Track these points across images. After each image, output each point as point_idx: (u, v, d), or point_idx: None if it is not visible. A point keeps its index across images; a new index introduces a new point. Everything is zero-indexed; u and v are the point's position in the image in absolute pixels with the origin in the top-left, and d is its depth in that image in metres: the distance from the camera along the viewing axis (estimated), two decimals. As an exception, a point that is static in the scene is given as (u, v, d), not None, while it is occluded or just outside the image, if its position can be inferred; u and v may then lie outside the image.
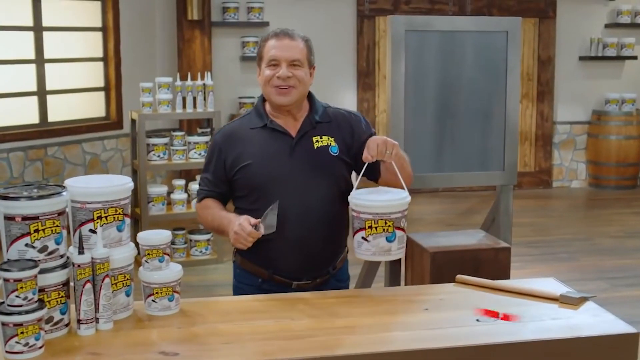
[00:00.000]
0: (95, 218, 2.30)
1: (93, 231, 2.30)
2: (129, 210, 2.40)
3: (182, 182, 6.21)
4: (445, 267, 3.48)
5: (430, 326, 2.33)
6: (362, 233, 2.56)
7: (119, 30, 7.84)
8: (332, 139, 2.82)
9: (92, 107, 7.85)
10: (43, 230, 2.18)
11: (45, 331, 2.18)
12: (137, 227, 6.14)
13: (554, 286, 2.69)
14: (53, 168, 7.32)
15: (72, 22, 7.58)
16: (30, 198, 2.17)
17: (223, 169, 2.82)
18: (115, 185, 2.34)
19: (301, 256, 2.76)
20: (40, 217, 2.17)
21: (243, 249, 2.66)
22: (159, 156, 5.97)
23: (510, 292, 2.62)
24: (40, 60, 7.29)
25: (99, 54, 7.85)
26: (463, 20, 3.84)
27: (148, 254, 2.41)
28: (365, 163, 2.67)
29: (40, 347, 2.12)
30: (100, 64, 7.88)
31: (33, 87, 7.28)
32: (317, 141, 2.80)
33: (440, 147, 3.77)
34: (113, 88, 7.89)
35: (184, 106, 6.14)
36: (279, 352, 2.13)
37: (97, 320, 2.28)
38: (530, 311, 2.45)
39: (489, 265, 3.56)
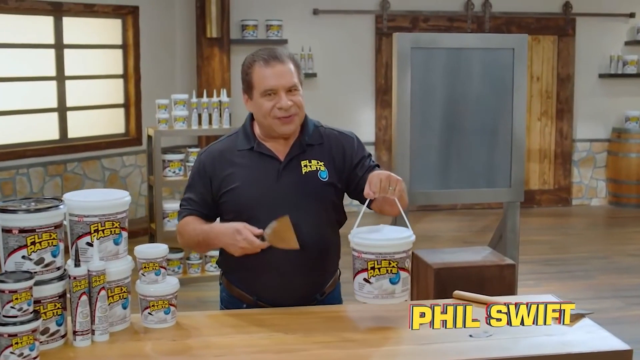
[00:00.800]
0: (92, 231, 2.34)
1: (90, 244, 2.34)
2: (126, 224, 2.43)
3: (197, 197, 6.24)
4: (449, 283, 3.49)
5: (422, 341, 2.34)
6: (364, 274, 2.41)
7: (139, 48, 7.94)
8: (322, 164, 2.71)
9: (112, 123, 7.95)
10: (40, 242, 2.22)
11: (41, 342, 2.23)
12: (152, 242, 6.20)
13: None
14: (72, 183, 7.41)
15: (93, 39, 7.69)
16: (28, 211, 2.22)
17: (209, 190, 2.73)
18: (111, 199, 2.38)
19: (286, 284, 2.66)
20: (37, 230, 2.21)
21: (228, 267, 2.69)
22: (174, 172, 6.02)
23: (506, 308, 2.62)
24: (61, 77, 7.40)
25: (119, 71, 7.95)
26: (469, 38, 3.87)
27: (144, 267, 2.45)
28: (367, 199, 2.51)
29: (35, 358, 2.15)
30: (120, 81, 7.97)
31: (54, 104, 7.39)
32: (305, 166, 2.69)
33: (446, 164, 3.78)
34: (133, 105, 7.99)
35: (200, 123, 6.20)
36: (270, 365, 2.15)
37: (93, 332, 2.32)
38: (524, 327, 2.45)
39: (493, 282, 3.57)
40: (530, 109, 8.89)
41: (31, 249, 2.21)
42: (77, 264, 2.28)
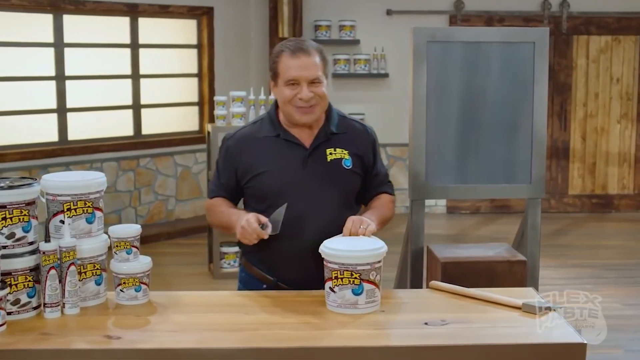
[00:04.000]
0: (65, 210, 2.47)
1: (63, 222, 2.47)
2: (100, 204, 2.55)
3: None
4: (457, 277, 3.44)
5: (378, 326, 2.36)
6: (330, 283, 2.46)
7: (213, 47, 8.16)
8: (346, 152, 2.82)
9: (186, 121, 8.19)
10: (10, 218, 2.37)
11: (12, 312, 2.37)
12: (210, 236, 6.37)
13: (529, 296, 2.65)
14: (145, 178, 7.69)
15: (168, 39, 7.96)
16: (1, 188, 2.36)
17: (234, 176, 2.83)
18: (84, 180, 2.51)
19: (306, 267, 2.71)
20: (7, 206, 2.36)
21: (248, 247, 2.72)
22: None
23: (478, 299, 2.60)
24: (136, 76, 7.69)
25: (194, 70, 8.19)
26: (488, 31, 3.82)
27: (117, 246, 2.56)
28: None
29: (1, 325, 2.29)
30: (195, 80, 8.21)
31: (129, 101, 7.69)
32: (330, 153, 2.80)
33: (464, 159, 3.74)
34: (206, 103, 8.21)
35: (257, 119, 6.32)
36: (213, 341, 2.21)
37: (64, 305, 2.44)
38: (487, 317, 2.43)
39: (503, 278, 3.51)
40: (609, 112, 8.63)
41: (2, 224, 2.36)
42: (47, 239, 2.41)
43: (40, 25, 7.00)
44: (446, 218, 8.60)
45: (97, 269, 2.54)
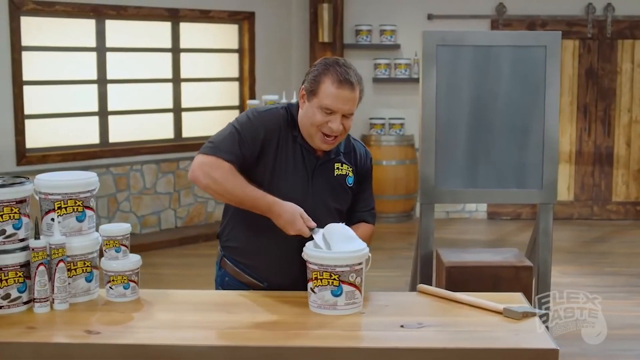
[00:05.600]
0: (56, 208, 2.55)
1: (54, 220, 2.55)
2: (91, 204, 2.62)
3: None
4: (462, 282, 3.45)
5: (354, 327, 2.38)
6: (310, 283, 2.50)
7: (254, 52, 8.25)
8: (351, 169, 2.87)
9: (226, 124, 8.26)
10: (1, 215, 2.45)
11: (3, 307, 2.46)
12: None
13: (518, 301, 2.64)
14: (184, 180, 7.81)
15: (209, 43, 8.07)
16: (-7, 186, 2.45)
17: (257, 149, 2.70)
18: (74, 179, 2.59)
19: (297, 273, 2.68)
20: (-2, 204, 2.45)
21: (236, 253, 2.80)
22: None
23: (462, 303, 2.60)
24: (176, 80, 7.83)
25: (235, 74, 8.29)
26: (499, 35, 3.80)
27: (106, 244, 2.63)
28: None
29: (-10, 319, 2.38)
30: (236, 84, 8.31)
31: (169, 105, 7.82)
32: (337, 168, 2.83)
33: (474, 162, 3.73)
34: (247, 107, 8.29)
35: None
36: (188, 339, 2.26)
37: (53, 300, 2.52)
38: (467, 321, 2.43)
39: (508, 283, 3.49)
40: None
41: (-7, 221, 2.45)
42: (36, 236, 2.49)
43: (83, 30, 7.18)
44: (487, 224, 8.53)
45: (88, 266, 2.61)
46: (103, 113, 7.37)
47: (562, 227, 8.33)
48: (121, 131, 7.49)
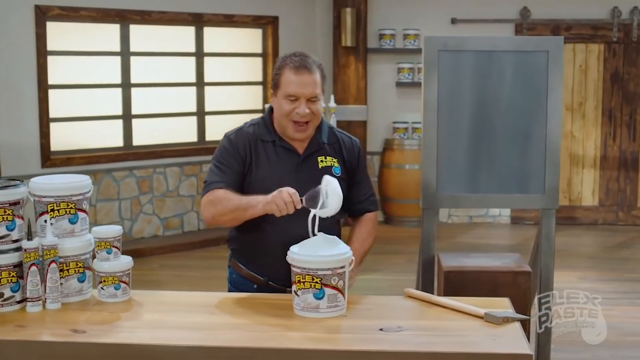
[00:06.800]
0: (49, 210, 2.62)
1: (47, 222, 2.62)
2: (84, 206, 2.69)
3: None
4: (460, 286, 3.46)
5: (333, 330, 2.41)
6: (294, 286, 2.55)
7: (277, 56, 8.29)
8: (336, 160, 2.98)
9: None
10: (-6, 217, 2.54)
11: (-4, 305, 2.54)
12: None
13: (504, 306, 2.65)
14: (207, 183, 7.87)
15: (233, 48, 8.15)
16: (-14, 189, 2.53)
17: (242, 169, 2.89)
18: (66, 182, 2.66)
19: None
20: (-9, 206, 2.53)
21: (238, 248, 2.94)
22: None
23: (445, 307, 2.62)
24: (200, 84, 7.93)
25: (259, 78, 8.36)
26: (501, 40, 3.80)
27: (98, 246, 2.70)
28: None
29: (-18, 317, 2.46)
30: (259, 88, 8.38)
31: (193, 108, 7.92)
32: (321, 161, 2.95)
33: (476, 168, 3.74)
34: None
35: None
36: (167, 339, 2.32)
37: (45, 300, 2.60)
38: (447, 326, 2.46)
39: (506, 288, 3.49)
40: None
41: (-14, 222, 2.53)
42: (29, 238, 2.57)
43: (107, 35, 7.30)
44: (510, 228, 8.49)
45: (80, 267, 2.68)
46: (127, 116, 7.49)
47: (586, 232, 8.29)
48: (145, 134, 7.60)
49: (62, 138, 7.06)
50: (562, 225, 8.37)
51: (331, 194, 2.64)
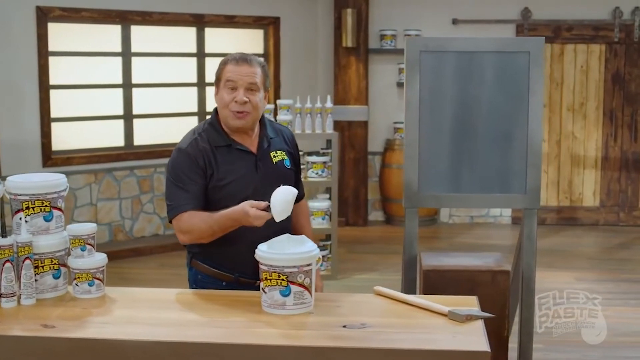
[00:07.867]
0: (24, 208, 2.68)
1: (22, 219, 2.68)
2: (59, 204, 2.74)
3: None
4: (439, 285, 3.50)
5: (297, 327, 2.45)
6: (262, 284, 2.58)
7: (279, 57, 8.36)
8: (284, 153, 3.09)
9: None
10: (-30, 215, 2.59)
11: (-28, 301, 2.59)
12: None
13: (471, 305, 2.68)
14: (208, 183, 7.93)
15: (235, 48, 8.18)
16: (-38, 187, 2.59)
17: (204, 181, 2.91)
18: (41, 181, 2.72)
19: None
20: (-33, 204, 2.59)
21: (200, 250, 2.97)
22: (316, 174, 6.39)
23: (411, 305, 2.65)
24: (201, 84, 7.98)
25: (260, 78, 8.39)
26: (482, 41, 3.82)
27: (72, 243, 2.75)
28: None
29: (-43, 312, 2.52)
30: (261, 88, 8.41)
31: (194, 108, 7.98)
32: (274, 156, 3.06)
33: (458, 168, 3.76)
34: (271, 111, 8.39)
35: (303, 128, 6.47)
36: (134, 334, 2.37)
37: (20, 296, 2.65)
38: (410, 323, 2.49)
39: (485, 288, 3.53)
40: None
41: (-39, 220, 2.58)
42: (3, 235, 2.63)
43: (108, 35, 7.38)
44: (511, 229, 8.48)
45: (55, 263, 2.73)
46: (128, 116, 7.56)
47: (587, 233, 8.28)
48: (146, 134, 7.66)
49: (63, 138, 7.14)
50: (563, 225, 8.42)
51: (272, 204, 2.70)
